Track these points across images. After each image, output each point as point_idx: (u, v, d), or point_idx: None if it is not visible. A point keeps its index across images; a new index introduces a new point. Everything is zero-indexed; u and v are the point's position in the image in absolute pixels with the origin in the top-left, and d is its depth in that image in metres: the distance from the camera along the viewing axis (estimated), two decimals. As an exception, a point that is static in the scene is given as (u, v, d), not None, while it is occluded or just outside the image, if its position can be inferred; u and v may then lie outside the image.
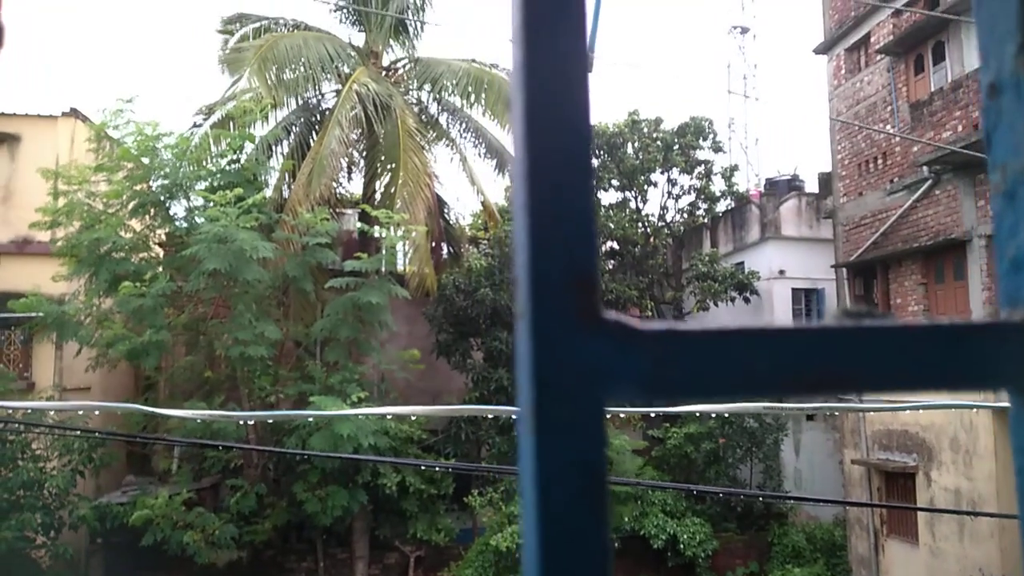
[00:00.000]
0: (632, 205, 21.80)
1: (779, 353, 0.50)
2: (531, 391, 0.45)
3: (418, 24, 18.84)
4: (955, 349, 0.52)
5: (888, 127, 15.30)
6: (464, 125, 19.50)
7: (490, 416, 15.89)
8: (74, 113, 17.32)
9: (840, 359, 0.51)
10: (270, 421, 13.63)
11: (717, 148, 21.99)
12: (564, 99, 0.47)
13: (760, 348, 0.50)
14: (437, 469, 15.33)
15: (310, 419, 12.99)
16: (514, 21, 0.48)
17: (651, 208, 22.34)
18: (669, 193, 22.14)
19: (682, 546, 15.77)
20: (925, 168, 14.13)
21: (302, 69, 16.76)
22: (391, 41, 19.25)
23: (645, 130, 21.26)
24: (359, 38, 19.21)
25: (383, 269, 15.69)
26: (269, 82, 15.82)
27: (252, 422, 13.47)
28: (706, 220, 22.54)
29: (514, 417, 14.99)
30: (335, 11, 18.95)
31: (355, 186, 19.77)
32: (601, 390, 0.46)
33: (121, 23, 62.28)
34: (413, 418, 13.95)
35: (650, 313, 20.13)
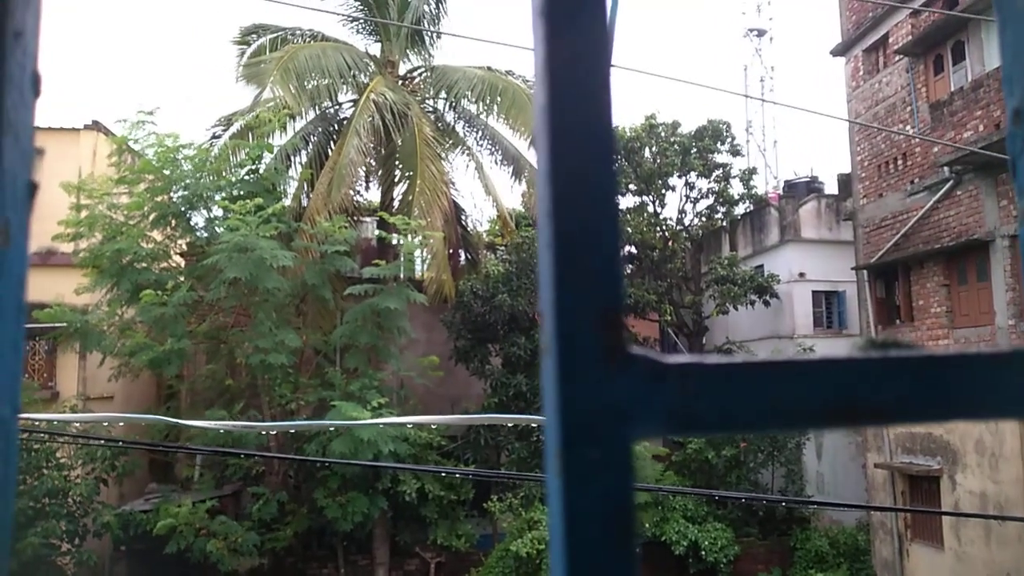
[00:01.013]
0: (650, 209, 21.72)
1: (805, 385, 0.50)
2: (558, 430, 0.45)
3: (434, 33, 18.92)
4: (983, 378, 0.52)
5: (908, 128, 15.17)
6: (480, 132, 19.56)
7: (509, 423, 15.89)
8: (96, 126, 17.54)
9: (867, 390, 0.51)
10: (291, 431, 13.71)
11: (735, 151, 21.86)
12: (590, 138, 0.48)
13: (786, 380, 0.50)
14: (457, 475, 15.34)
15: (331, 428, 13.05)
16: (536, 55, 0.48)
17: (669, 212, 22.24)
18: (687, 197, 22.04)
19: (704, 552, 15.66)
20: (946, 168, 13.99)
21: (322, 79, 16.88)
22: (407, 50, 19.35)
23: (662, 134, 21.19)
24: (375, 48, 19.34)
25: (401, 276, 15.75)
26: (292, 92, 15.95)
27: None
28: (724, 223, 22.41)
29: (533, 425, 14.99)
30: (351, 23, 19.08)
31: (373, 194, 19.88)
32: (629, 427, 0.46)
33: (122, 25, 63.04)
34: (433, 426, 13.98)
35: (669, 317, 20.04)
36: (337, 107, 18.96)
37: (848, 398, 0.50)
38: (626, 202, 21.95)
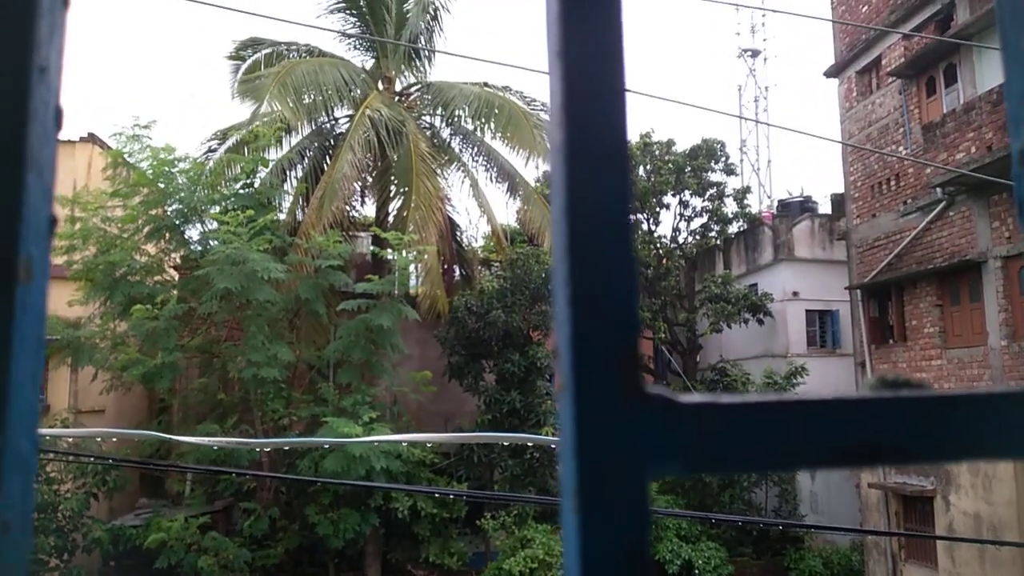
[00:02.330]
0: (644, 227, 21.79)
1: (818, 424, 0.50)
2: (574, 469, 0.45)
3: (430, 51, 19.00)
4: (992, 418, 0.52)
5: (901, 149, 15.28)
6: (476, 149, 19.60)
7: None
8: (91, 138, 17.54)
9: (879, 430, 0.51)
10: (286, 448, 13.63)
11: (729, 170, 21.98)
12: (606, 176, 0.48)
13: (800, 419, 0.50)
14: (451, 496, 15.25)
15: (326, 445, 12.98)
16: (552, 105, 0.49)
17: (663, 230, 22.34)
18: (681, 215, 22.14)
19: (697, 571, 15.59)
20: (939, 189, 14.09)
21: (318, 94, 16.91)
22: (404, 67, 19.42)
23: (657, 152, 21.30)
24: (372, 63, 19.40)
25: (395, 291, 15.72)
26: (290, 106, 15.98)
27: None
28: (718, 242, 22.49)
29: (530, 444, 14.93)
30: (349, 40, 19.16)
31: (368, 210, 19.90)
32: (645, 467, 0.46)
33: (120, 30, 63.21)
34: (428, 444, 13.92)
35: (663, 335, 20.05)
36: (333, 122, 19.01)
37: (862, 437, 0.50)
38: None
